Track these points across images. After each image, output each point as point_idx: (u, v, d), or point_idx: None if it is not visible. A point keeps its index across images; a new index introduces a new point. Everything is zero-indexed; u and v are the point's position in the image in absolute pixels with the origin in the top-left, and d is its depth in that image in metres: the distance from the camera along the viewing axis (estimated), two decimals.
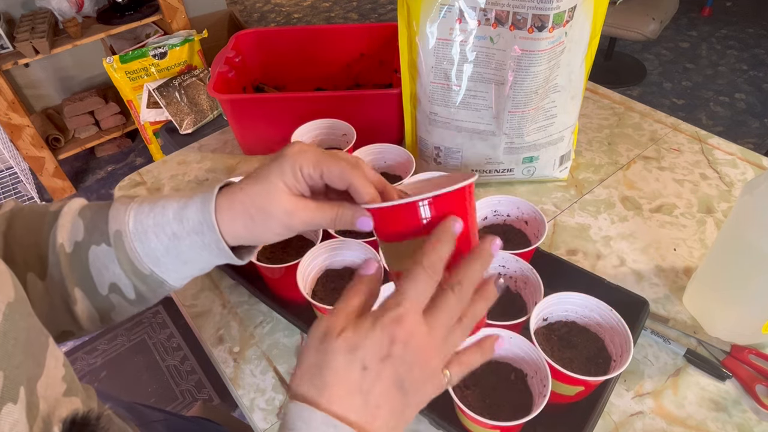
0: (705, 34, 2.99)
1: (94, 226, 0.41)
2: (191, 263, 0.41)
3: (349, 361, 0.31)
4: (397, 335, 0.31)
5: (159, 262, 0.40)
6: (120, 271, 0.40)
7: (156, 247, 0.40)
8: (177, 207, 0.40)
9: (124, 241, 0.40)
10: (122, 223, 0.40)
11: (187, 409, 1.37)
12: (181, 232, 0.39)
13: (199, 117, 1.76)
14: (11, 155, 1.96)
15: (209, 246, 0.39)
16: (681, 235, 0.75)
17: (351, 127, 0.81)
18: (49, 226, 0.41)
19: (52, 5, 1.95)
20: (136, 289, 0.41)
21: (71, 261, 0.40)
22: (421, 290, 0.32)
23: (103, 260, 0.40)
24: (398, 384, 0.31)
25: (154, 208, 0.40)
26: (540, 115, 0.75)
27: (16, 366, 0.29)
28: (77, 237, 0.41)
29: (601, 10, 0.70)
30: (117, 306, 0.42)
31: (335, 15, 3.48)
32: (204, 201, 0.39)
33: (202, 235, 0.39)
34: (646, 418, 0.56)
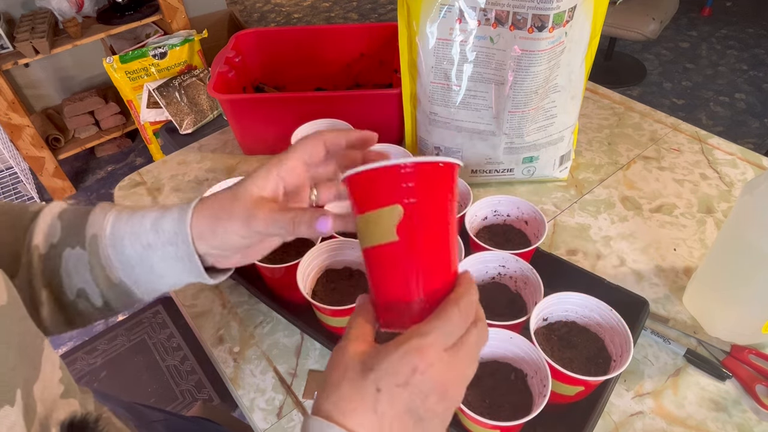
0: (705, 34, 2.99)
1: (72, 230, 0.41)
2: (162, 276, 0.41)
3: (363, 379, 0.31)
4: (418, 365, 0.31)
5: (132, 271, 0.40)
6: (90, 277, 0.40)
7: (130, 255, 0.40)
8: (154, 217, 0.40)
9: (99, 246, 0.40)
10: (100, 227, 0.40)
11: (187, 409, 1.37)
12: (155, 243, 0.39)
13: (199, 117, 1.76)
14: (11, 155, 1.96)
15: (182, 259, 0.39)
16: (681, 235, 0.75)
17: (351, 127, 0.81)
18: (26, 226, 0.41)
19: (52, 5, 1.95)
20: (104, 297, 0.41)
21: (44, 262, 0.40)
22: (451, 329, 0.32)
23: (76, 264, 0.40)
24: (411, 411, 0.31)
25: (132, 216, 0.40)
26: (540, 115, 0.75)
27: (11, 368, 0.28)
28: (53, 239, 0.41)
29: (601, 10, 0.70)
30: (83, 311, 0.42)
31: (335, 15, 3.48)
32: (181, 212, 0.39)
33: (176, 246, 0.39)
34: (646, 418, 0.56)
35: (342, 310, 0.58)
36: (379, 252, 0.34)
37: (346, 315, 0.59)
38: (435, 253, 0.34)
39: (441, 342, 0.32)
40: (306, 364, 0.63)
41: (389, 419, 0.31)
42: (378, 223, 0.33)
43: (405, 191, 0.33)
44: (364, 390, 0.31)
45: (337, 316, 0.59)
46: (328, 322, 0.62)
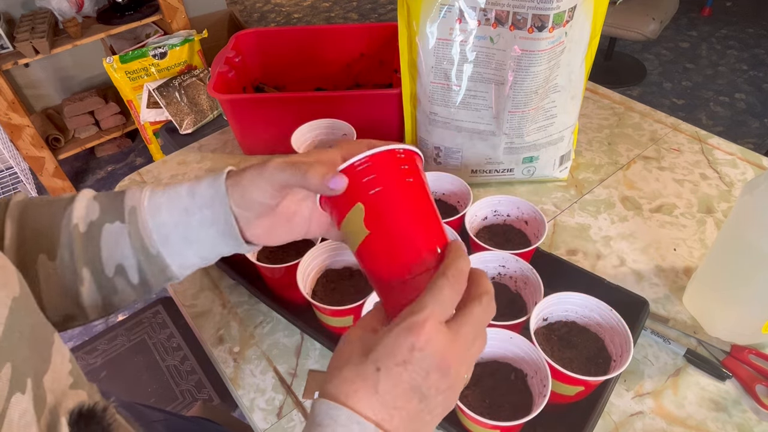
0: (705, 34, 2.99)
1: (110, 206, 0.42)
2: (197, 244, 0.42)
3: (363, 360, 0.32)
4: (414, 342, 0.31)
5: (167, 240, 0.41)
6: (129, 251, 0.41)
7: (166, 222, 0.41)
8: (190, 185, 0.42)
9: (138, 216, 0.41)
10: (138, 201, 0.42)
11: (187, 409, 1.37)
12: (192, 207, 0.41)
13: (199, 117, 1.76)
14: (11, 155, 1.96)
15: (218, 221, 0.41)
16: (681, 235, 0.75)
17: (351, 127, 0.81)
18: (63, 210, 0.42)
19: (52, 5, 1.95)
20: (141, 272, 0.42)
21: (84, 240, 0.41)
22: (443, 300, 0.32)
23: (116, 238, 0.41)
24: (414, 389, 0.31)
25: (168, 187, 0.43)
26: (540, 115, 0.75)
27: (23, 358, 0.29)
28: (92, 217, 0.42)
29: (601, 10, 0.70)
30: (120, 291, 0.43)
31: (335, 15, 3.48)
32: (215, 177, 0.41)
33: (212, 208, 0.41)
34: (646, 418, 0.56)
35: (342, 310, 0.58)
36: (362, 251, 0.36)
37: (346, 315, 0.59)
38: (411, 232, 0.35)
39: (436, 315, 0.32)
40: (306, 364, 0.63)
41: (392, 398, 0.31)
42: (350, 227, 0.36)
43: (364, 186, 0.35)
44: (364, 371, 0.31)
45: (337, 316, 0.59)
46: (328, 322, 0.62)
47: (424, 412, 0.32)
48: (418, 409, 0.32)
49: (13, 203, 0.43)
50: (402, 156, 0.36)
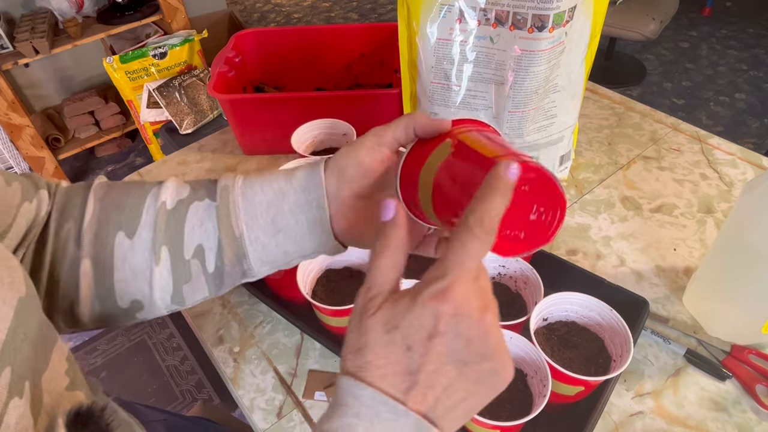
0: (705, 34, 2.99)
1: (201, 186, 0.42)
2: (283, 234, 0.40)
3: (387, 342, 0.28)
4: (443, 310, 0.27)
5: (255, 221, 0.40)
6: (212, 229, 0.40)
7: (259, 201, 0.40)
8: (287, 170, 0.41)
9: (230, 193, 0.40)
10: (232, 180, 0.41)
11: (187, 409, 1.37)
12: (287, 188, 0.40)
13: (199, 117, 1.76)
14: (11, 155, 1.96)
15: (310, 204, 0.39)
16: (681, 235, 0.75)
17: (351, 127, 0.81)
18: (149, 189, 0.42)
19: (52, 5, 1.95)
20: (218, 257, 0.40)
21: (168, 217, 0.40)
22: (470, 256, 0.28)
23: (201, 216, 0.40)
24: (454, 359, 0.28)
25: (264, 173, 0.42)
26: (540, 115, 0.75)
27: (23, 361, 0.29)
28: (182, 195, 0.41)
29: (601, 10, 0.70)
30: (194, 278, 0.41)
31: (335, 15, 3.48)
32: (314, 163, 0.40)
33: (307, 192, 0.39)
34: (646, 418, 0.56)
35: (342, 310, 0.58)
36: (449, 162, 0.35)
37: (346, 315, 0.59)
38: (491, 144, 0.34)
39: (463, 275, 0.28)
40: (306, 364, 0.63)
41: (427, 375, 0.28)
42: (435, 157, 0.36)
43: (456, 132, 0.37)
44: (392, 352, 0.28)
45: (337, 316, 0.59)
46: (328, 322, 0.62)
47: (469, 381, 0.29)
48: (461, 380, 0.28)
49: (98, 184, 0.43)
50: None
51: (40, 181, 0.42)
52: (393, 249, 0.31)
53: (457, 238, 0.28)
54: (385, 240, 0.31)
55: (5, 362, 0.28)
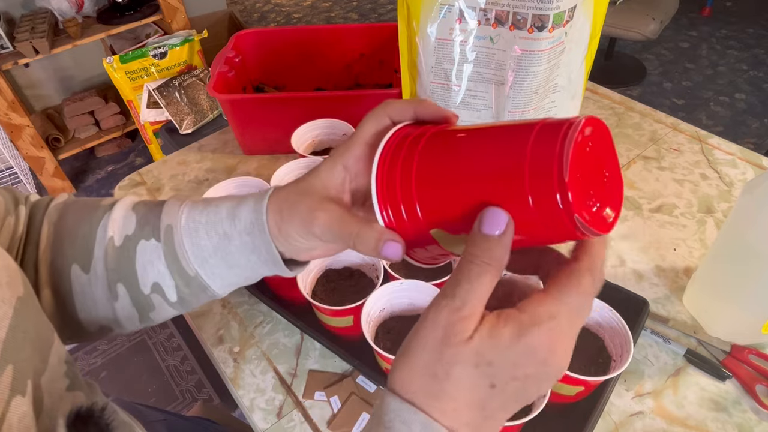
0: (705, 34, 2.99)
1: (146, 221, 0.40)
2: (238, 268, 0.39)
3: (477, 377, 0.26)
4: (545, 358, 0.26)
5: (206, 262, 0.38)
6: (165, 269, 0.39)
7: (205, 246, 0.38)
8: (230, 206, 0.38)
9: (174, 237, 0.38)
10: (175, 218, 0.39)
11: (187, 409, 1.37)
12: (232, 232, 0.37)
13: (199, 117, 1.76)
14: (11, 155, 1.96)
15: (258, 249, 0.37)
16: (681, 235, 0.75)
17: (351, 127, 0.81)
18: (98, 219, 0.40)
19: (52, 5, 1.95)
20: (179, 292, 0.40)
21: (118, 255, 0.39)
22: (583, 301, 0.27)
23: (150, 256, 0.39)
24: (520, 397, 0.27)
25: (208, 206, 0.39)
26: (540, 115, 0.75)
27: (24, 359, 0.29)
28: (128, 231, 0.40)
29: (601, 10, 0.70)
30: (157, 307, 0.41)
31: (335, 15, 3.48)
32: (256, 202, 0.37)
33: (252, 236, 0.37)
34: (646, 418, 0.56)
35: (342, 310, 0.58)
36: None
37: (346, 315, 0.59)
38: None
39: (571, 320, 0.26)
40: (306, 364, 0.63)
41: (491, 411, 0.26)
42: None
43: None
44: (476, 388, 0.26)
45: (337, 316, 0.59)
46: (328, 322, 0.62)
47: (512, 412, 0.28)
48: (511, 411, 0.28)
49: (53, 206, 0.42)
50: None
51: (19, 197, 0.42)
52: (496, 270, 0.27)
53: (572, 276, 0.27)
54: (489, 258, 0.26)
55: (7, 360, 0.28)
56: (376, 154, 0.31)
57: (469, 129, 0.29)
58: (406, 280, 0.58)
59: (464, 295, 0.26)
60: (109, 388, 1.51)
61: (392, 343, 0.58)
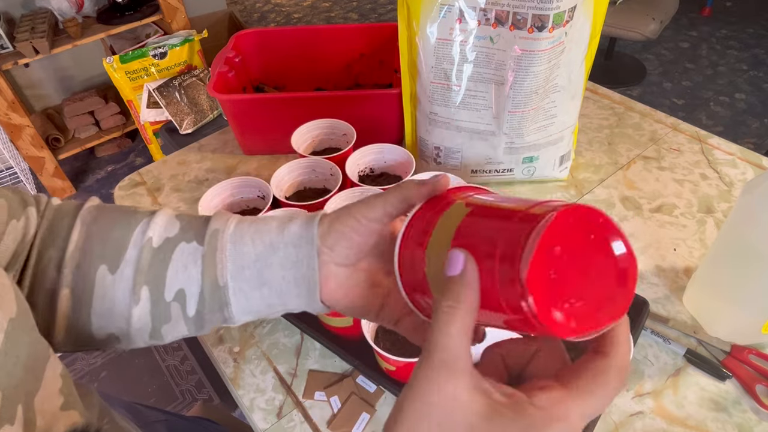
0: (705, 34, 2.99)
1: (191, 226, 0.40)
2: (267, 288, 0.38)
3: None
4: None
5: (241, 273, 0.38)
6: (196, 274, 0.38)
7: (248, 253, 0.38)
8: (281, 220, 0.39)
9: (219, 241, 0.38)
10: (223, 224, 0.39)
11: (187, 409, 1.37)
12: (278, 243, 0.38)
13: (199, 117, 1.76)
14: (11, 155, 1.96)
15: (300, 263, 0.37)
16: (681, 235, 0.75)
17: (351, 127, 0.81)
18: (137, 222, 0.40)
19: (52, 5, 1.95)
20: (200, 303, 0.39)
21: (153, 257, 0.39)
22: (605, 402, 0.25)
23: (186, 259, 0.39)
24: None
25: (257, 220, 0.40)
26: (540, 115, 0.75)
27: (15, 386, 0.28)
28: (169, 234, 0.39)
29: (601, 10, 0.70)
30: (173, 320, 0.40)
31: (335, 15, 3.48)
32: (309, 217, 0.38)
33: (298, 248, 0.37)
34: (646, 418, 0.56)
35: None
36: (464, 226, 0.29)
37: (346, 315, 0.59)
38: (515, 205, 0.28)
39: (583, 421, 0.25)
40: (306, 364, 0.63)
41: None
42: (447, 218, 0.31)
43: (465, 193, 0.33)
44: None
45: (338, 316, 0.59)
46: (328, 322, 0.62)
47: None
48: None
49: (87, 208, 0.41)
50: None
51: (28, 198, 0.41)
52: (464, 311, 0.26)
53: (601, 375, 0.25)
54: (455, 300, 0.26)
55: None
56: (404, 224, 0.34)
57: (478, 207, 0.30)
58: None
59: (433, 341, 0.26)
60: (109, 388, 1.51)
61: (392, 343, 0.58)
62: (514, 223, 0.25)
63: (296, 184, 0.79)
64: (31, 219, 0.40)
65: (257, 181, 0.75)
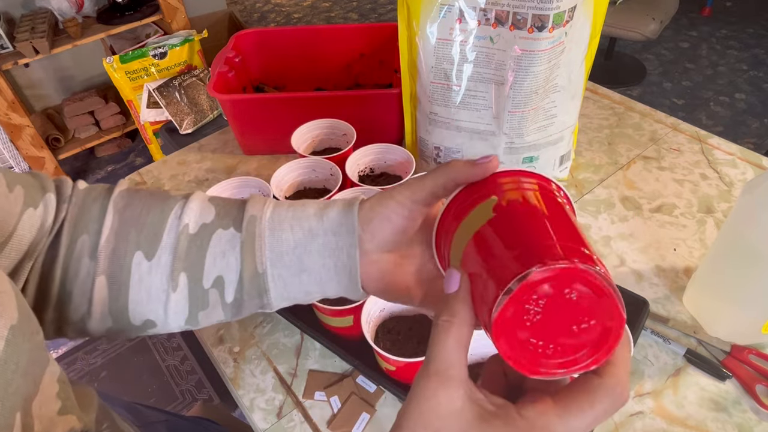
0: (705, 34, 2.99)
1: (227, 212, 0.39)
2: (307, 275, 0.38)
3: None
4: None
5: (280, 260, 0.37)
6: (235, 262, 0.38)
7: (287, 239, 0.37)
8: (319, 207, 0.38)
9: (256, 227, 0.38)
10: (259, 210, 0.38)
11: (187, 409, 1.37)
12: (318, 229, 0.37)
13: (199, 117, 1.76)
14: (11, 155, 1.96)
15: (340, 251, 0.36)
16: (681, 235, 0.75)
17: (351, 127, 0.81)
18: (171, 207, 0.39)
19: (52, 5, 1.95)
20: (238, 290, 0.38)
21: (190, 243, 0.38)
22: (590, 423, 0.26)
23: (224, 246, 0.38)
24: None
25: (294, 204, 0.39)
26: (540, 115, 0.75)
27: (13, 393, 0.27)
28: (206, 219, 0.39)
29: (601, 10, 0.70)
30: (211, 307, 0.39)
31: (335, 15, 3.48)
32: (347, 203, 0.37)
33: (338, 236, 0.36)
34: (646, 418, 0.56)
35: (342, 310, 0.58)
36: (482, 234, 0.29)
37: (346, 315, 0.59)
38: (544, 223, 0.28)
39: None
40: (306, 364, 0.63)
41: None
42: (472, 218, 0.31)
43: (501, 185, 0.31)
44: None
45: (337, 316, 0.59)
46: (328, 322, 0.62)
47: None
48: None
49: (119, 192, 0.40)
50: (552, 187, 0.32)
51: (47, 183, 0.40)
52: (458, 324, 0.28)
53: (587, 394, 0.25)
54: (450, 315, 0.28)
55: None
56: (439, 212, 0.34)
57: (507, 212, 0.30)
58: None
59: (430, 353, 0.27)
60: (109, 388, 1.51)
61: (392, 343, 0.58)
62: (508, 260, 0.26)
63: (296, 184, 0.79)
64: (49, 206, 0.39)
65: (257, 181, 0.75)
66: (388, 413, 0.58)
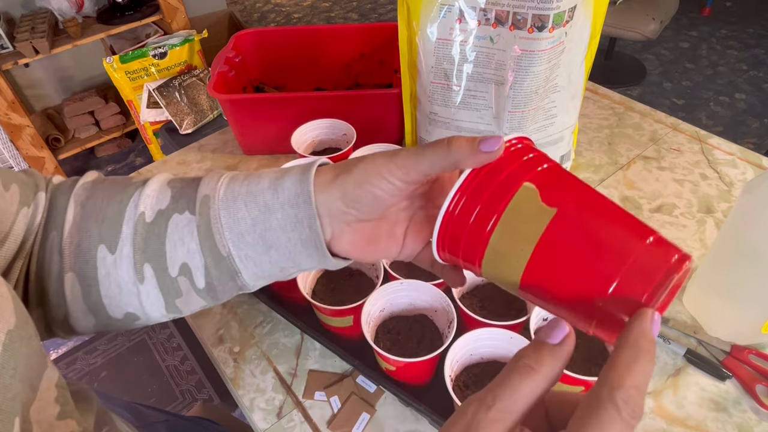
0: (705, 34, 2.99)
1: (182, 194, 0.37)
2: (275, 251, 0.36)
3: None
4: None
5: (242, 239, 0.35)
6: (196, 247, 0.36)
7: (243, 218, 0.35)
8: (273, 177, 0.36)
9: (210, 209, 0.35)
10: (212, 189, 0.36)
11: (187, 409, 1.37)
12: (273, 204, 0.35)
13: (199, 117, 1.76)
14: (11, 155, 1.96)
15: (301, 224, 0.34)
16: (681, 235, 0.75)
17: (351, 127, 0.81)
18: (129, 196, 0.38)
19: (52, 5, 1.95)
20: (207, 275, 0.37)
21: (147, 233, 0.36)
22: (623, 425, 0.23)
23: (182, 233, 0.36)
24: None
25: (249, 176, 0.37)
26: (540, 115, 0.75)
27: (11, 398, 0.27)
28: (161, 205, 0.37)
29: (601, 10, 0.70)
30: (185, 294, 0.38)
31: (335, 15, 3.48)
32: (303, 171, 0.35)
33: (296, 208, 0.34)
34: (646, 418, 0.56)
35: (342, 310, 0.58)
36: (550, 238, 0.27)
37: (346, 315, 0.59)
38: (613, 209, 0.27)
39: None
40: (306, 364, 0.63)
41: None
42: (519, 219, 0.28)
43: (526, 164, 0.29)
44: None
45: (337, 316, 0.59)
46: (328, 322, 0.62)
47: None
48: None
49: (81, 185, 0.39)
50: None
51: (39, 182, 0.40)
52: (541, 379, 0.25)
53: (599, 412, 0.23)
54: (538, 363, 0.25)
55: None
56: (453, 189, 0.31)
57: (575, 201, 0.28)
58: (406, 279, 0.58)
59: (498, 391, 0.24)
60: (109, 388, 1.51)
61: (392, 343, 0.58)
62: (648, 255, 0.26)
63: None
64: (39, 204, 0.38)
65: None
66: (388, 413, 0.58)
